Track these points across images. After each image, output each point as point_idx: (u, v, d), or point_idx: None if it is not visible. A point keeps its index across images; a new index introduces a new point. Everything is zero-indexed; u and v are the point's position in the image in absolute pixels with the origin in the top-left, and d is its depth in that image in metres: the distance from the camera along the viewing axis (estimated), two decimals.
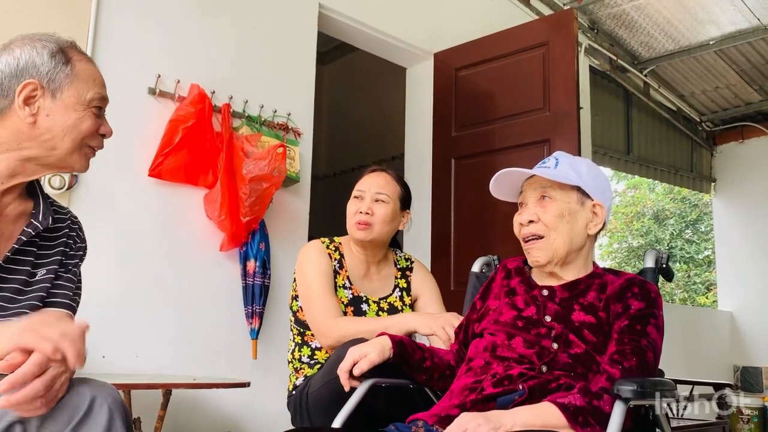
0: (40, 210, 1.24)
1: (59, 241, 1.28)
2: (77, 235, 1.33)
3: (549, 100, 3.30)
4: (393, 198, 1.96)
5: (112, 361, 2.47)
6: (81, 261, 1.34)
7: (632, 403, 1.19)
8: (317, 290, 1.85)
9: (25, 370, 0.98)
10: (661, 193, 10.96)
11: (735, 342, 6.48)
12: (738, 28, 4.94)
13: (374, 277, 2.00)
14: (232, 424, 2.77)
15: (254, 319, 2.81)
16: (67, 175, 2.42)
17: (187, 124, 2.69)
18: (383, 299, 1.96)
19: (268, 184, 2.74)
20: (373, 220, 1.91)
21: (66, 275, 1.27)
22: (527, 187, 1.49)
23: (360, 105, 5.49)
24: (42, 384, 1.00)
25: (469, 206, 3.54)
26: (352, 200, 1.97)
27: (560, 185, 1.43)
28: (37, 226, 1.22)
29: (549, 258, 1.42)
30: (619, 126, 5.82)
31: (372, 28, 3.60)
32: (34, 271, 1.23)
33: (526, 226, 1.45)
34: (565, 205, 1.43)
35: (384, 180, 1.97)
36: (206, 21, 2.93)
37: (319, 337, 1.84)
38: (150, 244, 2.65)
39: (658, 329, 1.34)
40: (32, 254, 1.23)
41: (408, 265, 2.07)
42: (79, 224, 1.36)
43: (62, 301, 1.25)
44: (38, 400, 1.00)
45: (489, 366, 1.36)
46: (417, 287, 2.04)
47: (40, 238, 1.25)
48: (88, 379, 1.12)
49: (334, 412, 1.39)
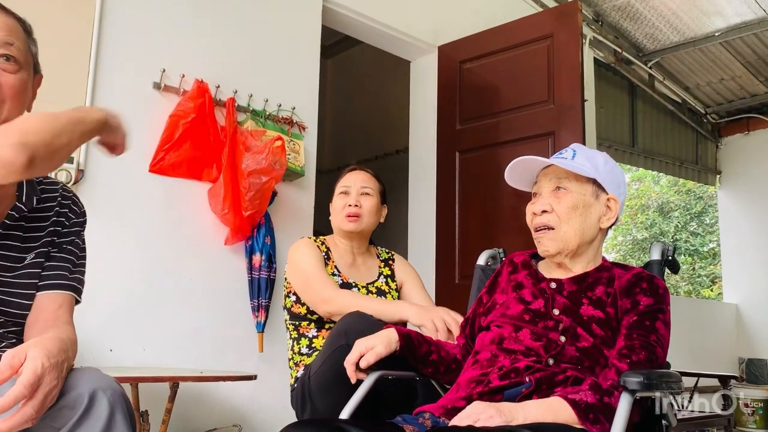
0: (24, 191, 1.18)
1: (49, 221, 1.23)
2: (70, 210, 1.28)
3: (553, 93, 3.29)
4: (376, 192, 2.11)
5: (119, 354, 2.49)
6: (81, 232, 1.29)
7: (638, 394, 1.19)
8: (314, 271, 1.94)
9: (18, 392, 0.93)
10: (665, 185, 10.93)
11: (740, 334, 6.48)
12: (744, 19, 4.91)
13: (360, 267, 2.12)
14: (239, 417, 2.78)
15: (260, 312, 2.82)
16: (73, 170, 2.43)
17: (187, 119, 2.69)
18: (371, 284, 2.07)
19: (268, 177, 2.73)
20: (361, 212, 2.06)
21: (59, 255, 1.23)
22: (542, 177, 1.48)
23: (364, 99, 5.49)
24: (33, 408, 0.94)
25: (473, 199, 3.54)
26: (338, 196, 2.10)
27: (576, 177, 1.43)
28: (21, 208, 1.16)
29: (559, 249, 1.42)
30: (623, 118, 5.80)
31: (376, 21, 3.59)
32: (22, 256, 1.17)
33: (539, 216, 1.45)
34: (580, 197, 1.42)
35: (366, 176, 2.13)
36: (210, 15, 2.92)
37: (321, 305, 1.90)
38: (156, 238, 2.66)
39: (666, 325, 1.34)
40: (18, 238, 1.18)
41: (390, 256, 2.20)
42: (73, 196, 1.30)
43: (56, 282, 1.21)
44: (30, 421, 0.95)
45: (496, 359, 1.36)
46: (400, 274, 2.16)
47: (26, 220, 1.19)
48: (87, 371, 1.08)
49: (336, 391, 1.40)
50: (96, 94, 2.55)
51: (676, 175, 6.69)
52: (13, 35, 1.13)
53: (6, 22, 1.13)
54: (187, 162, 2.73)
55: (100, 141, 1.24)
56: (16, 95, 1.13)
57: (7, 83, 1.10)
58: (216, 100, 2.83)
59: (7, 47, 1.11)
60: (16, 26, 1.15)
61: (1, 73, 1.10)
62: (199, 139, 2.74)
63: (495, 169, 3.47)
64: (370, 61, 5.12)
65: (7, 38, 1.11)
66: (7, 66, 1.11)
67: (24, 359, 0.96)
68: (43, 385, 0.96)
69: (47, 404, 0.98)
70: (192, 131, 2.71)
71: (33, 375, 0.95)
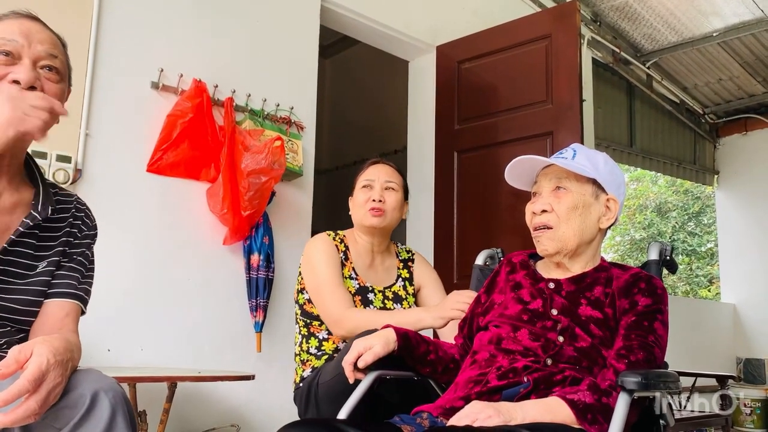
0: (40, 200, 1.21)
1: (62, 231, 1.25)
2: (83, 222, 1.30)
3: (552, 93, 3.29)
4: (400, 187, 2.04)
5: (117, 354, 2.49)
6: (92, 244, 1.32)
7: (636, 394, 1.19)
8: (328, 281, 1.88)
9: (21, 386, 0.94)
10: (663, 185, 10.94)
11: (738, 334, 6.48)
12: (742, 19, 4.92)
13: (378, 268, 2.05)
14: (237, 417, 2.78)
15: (258, 312, 2.82)
16: (71, 169, 2.42)
17: (185, 118, 2.68)
18: (388, 288, 2.01)
19: (267, 177, 2.73)
20: (385, 207, 1.99)
21: (69, 264, 1.25)
22: (542, 177, 1.48)
23: (362, 98, 5.48)
24: (36, 403, 0.96)
25: (471, 199, 3.54)
26: (360, 189, 2.02)
27: (576, 177, 1.43)
28: (36, 216, 1.19)
29: (558, 248, 1.42)
30: (621, 118, 5.80)
31: (374, 21, 3.59)
32: (33, 264, 1.20)
33: (538, 215, 1.44)
34: (580, 197, 1.42)
35: (390, 170, 2.06)
36: (209, 15, 2.92)
37: (332, 327, 1.86)
38: (154, 238, 2.66)
39: (664, 325, 1.34)
40: (31, 246, 1.20)
41: (409, 256, 2.13)
42: (86, 209, 1.33)
43: (65, 291, 1.23)
44: (32, 417, 0.96)
45: (494, 359, 1.36)
46: (419, 277, 2.09)
47: (40, 229, 1.21)
48: (89, 372, 1.09)
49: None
50: (93, 94, 2.55)
51: (674, 175, 6.70)
52: (56, 49, 1.22)
53: (50, 37, 1.22)
54: (185, 162, 2.73)
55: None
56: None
57: (50, 91, 1.19)
58: (214, 99, 2.82)
59: (52, 59, 1.20)
60: (57, 41, 1.24)
61: (45, 82, 1.19)
62: (197, 139, 2.73)
63: (493, 169, 3.48)
64: (369, 61, 5.11)
65: (52, 51, 1.21)
66: (50, 76, 1.20)
67: (30, 355, 0.98)
68: (48, 381, 0.98)
69: (51, 401, 0.99)
70: (190, 131, 2.71)
71: (38, 370, 0.96)
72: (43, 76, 1.18)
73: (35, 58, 1.17)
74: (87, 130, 2.52)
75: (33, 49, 1.17)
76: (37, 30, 1.20)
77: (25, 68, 1.15)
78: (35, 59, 1.17)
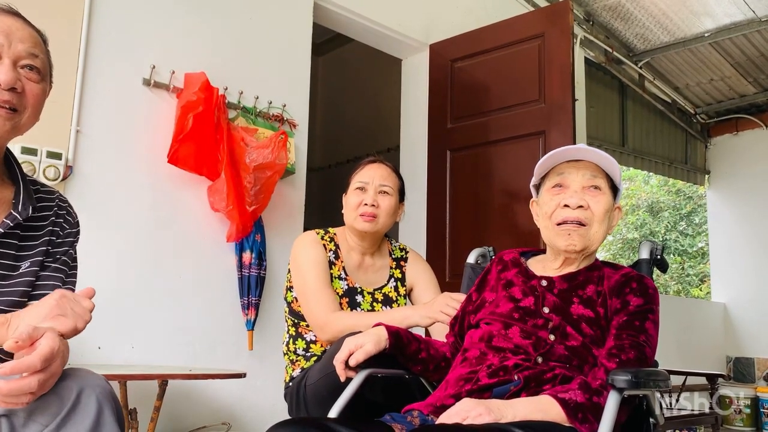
0: (20, 199, 1.18)
1: (44, 230, 1.23)
2: (65, 220, 1.28)
3: (544, 92, 3.30)
4: (395, 190, 1.96)
5: (107, 352, 2.48)
6: (75, 243, 1.30)
7: (626, 393, 1.19)
8: (313, 283, 1.84)
9: (31, 361, 0.94)
10: (655, 185, 10.99)
11: (728, 333, 6.53)
12: (733, 20, 4.94)
13: (369, 269, 2.00)
14: (228, 415, 2.78)
15: (250, 310, 2.82)
16: (61, 166, 2.41)
17: (197, 110, 2.63)
18: (378, 290, 1.96)
19: (272, 171, 2.75)
20: (378, 212, 1.90)
21: (53, 264, 1.23)
22: (572, 169, 1.44)
23: (355, 96, 5.48)
24: (37, 382, 0.95)
25: (464, 198, 3.55)
26: (354, 192, 1.94)
27: (606, 177, 1.42)
28: (16, 217, 1.17)
29: (585, 246, 1.41)
30: (613, 118, 5.83)
31: (367, 19, 3.59)
32: (16, 264, 1.17)
33: (574, 210, 1.40)
34: (609, 201, 1.42)
35: (386, 172, 1.97)
36: (201, 12, 2.91)
37: (316, 331, 1.84)
38: (145, 235, 2.65)
39: (655, 325, 1.35)
40: (13, 246, 1.17)
41: (403, 255, 2.07)
42: (68, 206, 1.31)
43: (49, 292, 1.19)
44: (27, 396, 0.96)
45: (484, 357, 1.36)
46: (412, 277, 2.04)
47: (21, 229, 1.19)
48: (75, 370, 1.08)
49: (331, 404, 1.39)
50: (84, 90, 2.54)
51: (666, 174, 6.73)
52: (38, 48, 1.19)
53: (31, 34, 1.19)
54: (194, 156, 2.67)
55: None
56: (37, 104, 1.19)
57: (31, 92, 1.17)
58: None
59: (33, 58, 1.17)
60: (38, 38, 1.21)
61: (26, 82, 1.16)
62: (202, 134, 2.67)
63: (486, 168, 3.48)
64: (362, 59, 5.11)
65: (33, 50, 1.18)
66: (31, 75, 1.17)
67: (41, 336, 0.98)
68: (53, 365, 0.98)
69: (45, 388, 0.99)
70: (198, 125, 2.65)
71: (50, 351, 0.97)
72: (23, 76, 1.15)
73: (16, 58, 1.15)
74: (78, 126, 2.51)
75: (13, 48, 1.14)
76: (17, 27, 1.16)
77: (5, 68, 1.12)
78: (16, 59, 1.15)
